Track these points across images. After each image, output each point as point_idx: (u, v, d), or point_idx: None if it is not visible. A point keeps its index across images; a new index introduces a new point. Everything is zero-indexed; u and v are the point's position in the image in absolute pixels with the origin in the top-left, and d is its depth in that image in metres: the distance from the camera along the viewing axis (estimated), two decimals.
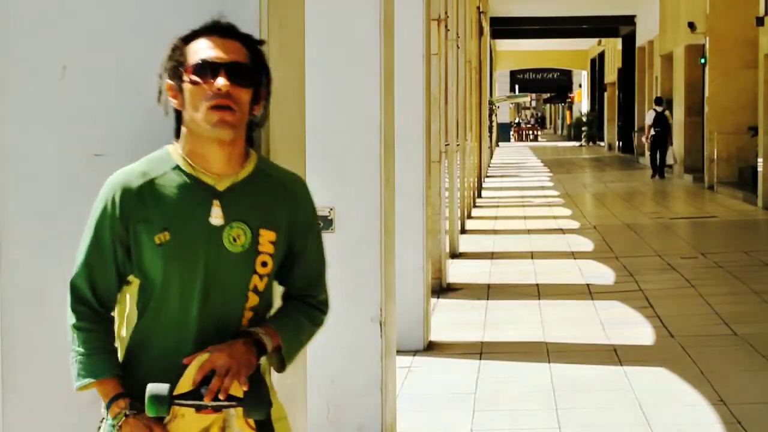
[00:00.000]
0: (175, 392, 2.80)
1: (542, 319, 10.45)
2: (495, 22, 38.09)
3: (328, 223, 6.34)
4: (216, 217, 2.92)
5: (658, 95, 33.32)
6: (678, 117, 30.71)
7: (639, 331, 9.89)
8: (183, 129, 2.97)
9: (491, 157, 41.15)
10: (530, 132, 75.06)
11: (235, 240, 2.93)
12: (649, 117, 31.28)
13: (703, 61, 27.28)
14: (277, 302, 3.10)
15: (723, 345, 9.32)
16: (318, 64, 6.14)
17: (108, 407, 2.92)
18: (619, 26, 42.86)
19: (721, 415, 7.17)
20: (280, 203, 3.00)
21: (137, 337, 2.96)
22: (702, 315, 10.57)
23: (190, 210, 2.92)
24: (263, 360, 2.97)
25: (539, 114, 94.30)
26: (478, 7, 26.13)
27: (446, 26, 12.39)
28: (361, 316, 6.38)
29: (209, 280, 2.92)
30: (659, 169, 30.50)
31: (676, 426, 7.04)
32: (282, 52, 3.49)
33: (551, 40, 49.96)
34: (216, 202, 2.92)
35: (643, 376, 8.25)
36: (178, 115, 2.99)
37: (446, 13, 12.42)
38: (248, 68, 2.94)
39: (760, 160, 21.31)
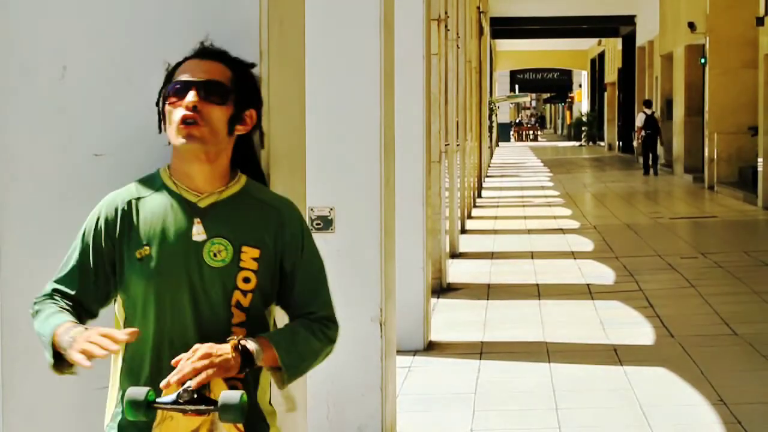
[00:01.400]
0: (164, 394, 2.81)
1: (542, 319, 10.46)
2: (495, 22, 38.09)
3: (328, 223, 6.34)
4: (197, 233, 2.95)
5: (647, 98, 34.72)
6: (678, 117, 30.73)
7: (639, 331, 9.89)
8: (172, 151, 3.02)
9: (491, 157, 41.15)
10: (530, 132, 75.07)
11: (215, 255, 2.95)
12: (640, 119, 32.66)
13: (703, 61, 27.28)
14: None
15: (723, 345, 9.32)
16: (318, 65, 6.14)
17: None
18: (619, 26, 42.87)
19: (721, 415, 7.17)
20: (265, 223, 3.01)
21: (129, 357, 2.99)
22: (702, 315, 10.57)
23: (171, 226, 2.96)
24: (267, 402, 2.99)
25: (539, 114, 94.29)
26: (478, 7, 26.13)
27: (446, 26, 12.39)
28: (361, 316, 6.38)
29: (195, 294, 2.94)
30: (652, 167, 32.00)
31: (676, 426, 7.04)
32: (282, 53, 3.49)
33: (551, 40, 49.97)
34: (197, 220, 2.96)
35: (643, 376, 8.25)
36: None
37: (446, 13, 12.42)
38: (221, 86, 2.97)
39: (760, 160, 21.32)
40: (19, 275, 3.35)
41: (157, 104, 3.05)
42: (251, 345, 2.89)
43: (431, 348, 9.36)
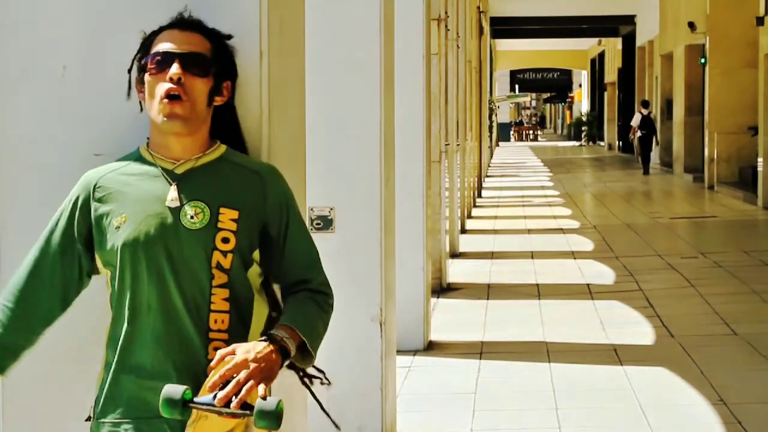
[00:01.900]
0: (200, 394, 2.81)
1: (542, 319, 10.46)
2: (495, 22, 38.09)
3: (328, 223, 6.34)
4: (172, 199, 2.96)
5: (645, 99, 35.12)
6: (678, 117, 30.74)
7: (639, 331, 9.89)
8: (149, 122, 3.03)
9: (491, 157, 41.15)
10: (530, 132, 75.06)
11: (192, 218, 2.96)
12: (636, 119, 33.15)
13: (703, 61, 27.28)
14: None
15: (723, 345, 9.32)
16: (318, 64, 6.14)
17: None
18: (619, 26, 42.86)
19: (721, 415, 7.17)
20: (245, 187, 3.01)
21: (111, 326, 3.00)
22: (702, 315, 10.57)
23: (147, 194, 2.97)
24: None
25: (539, 114, 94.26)
26: (478, 7, 26.13)
27: (446, 26, 12.38)
28: (361, 316, 6.38)
29: (172, 258, 2.94)
30: (647, 166, 32.56)
31: (676, 426, 7.04)
32: (282, 53, 3.49)
33: (551, 40, 49.97)
34: (174, 186, 2.97)
35: (643, 376, 8.25)
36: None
37: (446, 13, 12.41)
38: (203, 58, 2.99)
39: (760, 160, 21.31)
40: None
41: (129, 71, 3.06)
42: (289, 342, 2.90)
43: (431, 348, 9.36)
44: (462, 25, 17.44)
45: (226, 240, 2.96)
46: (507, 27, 41.55)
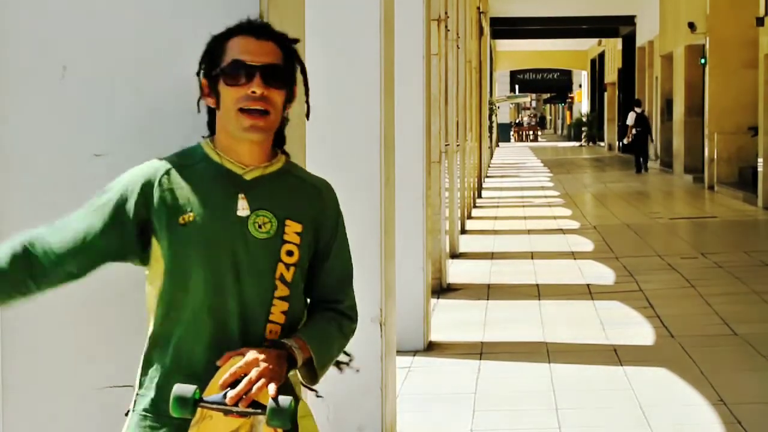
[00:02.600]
0: (205, 394, 2.79)
1: (542, 319, 10.46)
2: (495, 22, 38.10)
3: None
4: (242, 208, 2.93)
5: (637, 98, 36.51)
6: (678, 117, 30.76)
7: (639, 331, 9.89)
8: (217, 126, 2.98)
9: (491, 158, 41.16)
10: (530, 132, 75.07)
11: (260, 227, 2.93)
12: (631, 118, 33.94)
13: (703, 61, 27.29)
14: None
15: (723, 345, 9.32)
16: (318, 64, 6.13)
17: None
18: (619, 26, 42.88)
19: (721, 415, 7.17)
20: (307, 200, 3.02)
21: (166, 324, 2.93)
22: (702, 315, 10.57)
23: (216, 198, 2.93)
24: (293, 373, 2.96)
25: (540, 114, 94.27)
26: (478, 7, 26.13)
27: (446, 26, 12.39)
28: (361, 317, 6.35)
29: (239, 265, 2.91)
30: (644, 164, 33.23)
31: (676, 426, 7.04)
32: None
33: (551, 40, 49.99)
34: (242, 195, 2.93)
35: (643, 376, 8.25)
36: (211, 112, 3.00)
37: (446, 13, 12.42)
38: (283, 70, 2.95)
39: (760, 160, 21.32)
40: None
41: (198, 74, 3.00)
42: (297, 352, 2.89)
43: (431, 348, 9.36)
44: (462, 25, 17.45)
45: (290, 253, 2.95)
46: (507, 27, 41.57)
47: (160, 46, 3.30)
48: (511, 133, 73.05)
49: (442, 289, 11.91)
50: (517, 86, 70.65)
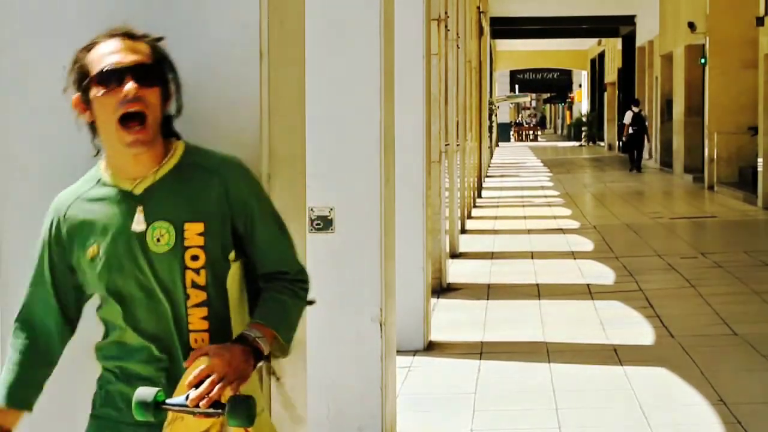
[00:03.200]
0: (174, 395, 2.81)
1: (542, 319, 10.46)
2: (495, 22, 38.08)
3: (328, 223, 6.34)
4: (138, 223, 2.91)
5: (636, 97, 36.99)
6: (678, 117, 30.76)
7: (639, 331, 9.89)
8: (102, 141, 2.94)
9: (491, 157, 41.14)
10: (530, 132, 75.06)
11: (158, 240, 2.90)
12: (627, 117, 34.41)
13: (703, 61, 27.28)
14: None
15: (723, 345, 9.32)
16: (318, 65, 6.14)
17: None
18: (619, 26, 42.85)
19: (721, 415, 7.17)
20: (207, 192, 2.93)
21: (107, 354, 3.01)
22: (702, 315, 10.57)
23: (113, 220, 2.93)
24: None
25: (540, 114, 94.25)
26: (478, 7, 26.12)
27: (446, 26, 12.38)
28: (361, 316, 6.38)
29: (148, 285, 2.91)
30: (637, 163, 33.57)
31: (676, 426, 7.04)
32: (282, 52, 3.49)
33: (551, 40, 49.96)
34: (140, 208, 2.91)
35: (643, 376, 8.25)
36: (93, 127, 2.95)
37: (446, 13, 12.41)
38: (153, 67, 2.89)
39: (760, 160, 21.31)
40: (20, 276, 3.34)
41: (64, 91, 2.96)
42: (259, 339, 2.87)
43: (431, 348, 9.35)
44: (462, 25, 17.44)
45: (195, 258, 2.91)
46: (507, 27, 41.54)
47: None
48: (511, 132, 73.01)
49: (442, 289, 11.91)
50: (517, 86, 70.61)
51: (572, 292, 11.94)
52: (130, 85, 2.83)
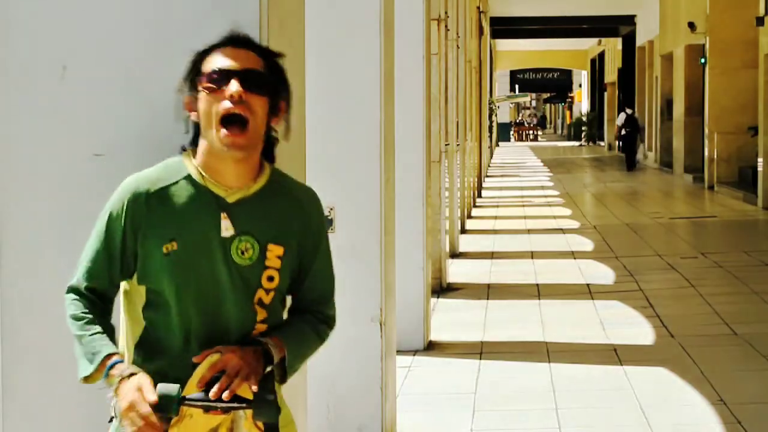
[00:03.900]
0: (184, 392, 2.80)
1: (542, 319, 10.45)
2: (495, 22, 38.09)
3: (328, 223, 6.34)
4: (225, 229, 2.92)
5: (630, 100, 38.35)
6: (678, 117, 30.77)
7: (639, 331, 9.89)
8: (201, 140, 2.95)
9: (491, 157, 41.15)
10: (530, 132, 75.06)
11: (243, 253, 2.92)
12: (621, 119, 35.40)
13: (703, 61, 27.29)
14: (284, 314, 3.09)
15: (723, 345, 9.32)
16: (318, 65, 6.14)
17: (106, 373, 2.87)
18: (619, 26, 42.86)
19: (721, 415, 7.17)
20: (292, 218, 2.99)
21: (144, 346, 2.95)
22: (702, 315, 10.57)
23: (199, 221, 2.91)
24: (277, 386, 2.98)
25: (540, 114, 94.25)
26: (478, 7, 26.13)
27: (446, 26, 12.38)
28: (361, 316, 6.38)
29: (222, 291, 2.91)
30: (629, 162, 34.36)
31: (676, 426, 7.04)
32: (282, 53, 3.48)
33: (551, 40, 49.96)
34: (224, 215, 2.91)
35: (643, 376, 8.24)
36: (197, 125, 2.96)
37: (446, 13, 12.42)
38: (262, 75, 2.90)
39: (760, 160, 21.32)
40: (19, 275, 3.35)
41: (180, 91, 2.97)
42: (273, 350, 2.89)
43: (431, 348, 9.35)
44: (462, 25, 17.45)
45: (271, 278, 2.96)
46: (507, 27, 41.55)
47: (159, 45, 3.30)
48: (511, 132, 73.02)
49: (442, 289, 11.91)
50: (517, 86, 70.62)
51: (572, 292, 11.94)
52: (235, 86, 2.86)
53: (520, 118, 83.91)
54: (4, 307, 3.36)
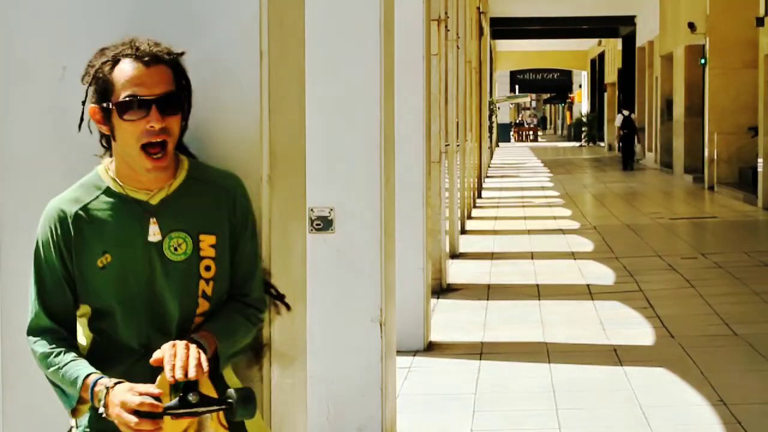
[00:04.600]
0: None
1: (542, 319, 10.46)
2: (495, 22, 38.09)
3: (328, 223, 6.34)
4: (153, 234, 2.94)
5: (628, 102, 38.51)
6: (678, 117, 30.77)
7: (639, 331, 9.89)
8: (115, 154, 2.97)
9: (491, 158, 41.15)
10: (530, 132, 75.07)
11: (176, 249, 2.95)
12: (618, 120, 36.18)
13: (703, 61, 27.29)
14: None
15: (723, 345, 9.32)
16: (318, 65, 6.14)
17: (91, 393, 2.88)
18: (619, 26, 42.86)
19: (721, 415, 7.17)
20: (218, 205, 3.01)
21: (93, 361, 2.96)
22: (702, 315, 10.57)
23: (127, 230, 2.94)
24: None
25: (540, 114, 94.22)
26: (478, 8, 26.13)
27: (446, 26, 12.38)
28: (361, 317, 6.38)
29: (163, 292, 2.94)
30: (628, 162, 34.94)
31: (676, 426, 7.04)
32: (282, 53, 3.49)
33: (551, 40, 49.97)
34: (153, 220, 2.94)
35: (643, 376, 8.25)
36: (106, 136, 2.99)
37: (446, 13, 12.42)
38: (176, 94, 2.93)
39: (760, 160, 21.32)
40: (19, 275, 3.35)
41: (83, 103, 2.99)
42: (203, 342, 2.89)
43: (431, 348, 9.36)
44: (462, 25, 17.45)
45: (208, 268, 2.98)
46: (507, 27, 41.55)
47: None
48: (511, 133, 73.02)
49: (442, 290, 11.91)
50: (517, 86, 70.63)
51: (572, 293, 11.94)
52: (155, 118, 2.87)
53: (520, 119, 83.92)
54: (4, 307, 3.36)
